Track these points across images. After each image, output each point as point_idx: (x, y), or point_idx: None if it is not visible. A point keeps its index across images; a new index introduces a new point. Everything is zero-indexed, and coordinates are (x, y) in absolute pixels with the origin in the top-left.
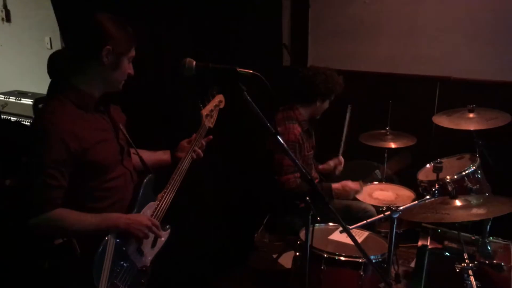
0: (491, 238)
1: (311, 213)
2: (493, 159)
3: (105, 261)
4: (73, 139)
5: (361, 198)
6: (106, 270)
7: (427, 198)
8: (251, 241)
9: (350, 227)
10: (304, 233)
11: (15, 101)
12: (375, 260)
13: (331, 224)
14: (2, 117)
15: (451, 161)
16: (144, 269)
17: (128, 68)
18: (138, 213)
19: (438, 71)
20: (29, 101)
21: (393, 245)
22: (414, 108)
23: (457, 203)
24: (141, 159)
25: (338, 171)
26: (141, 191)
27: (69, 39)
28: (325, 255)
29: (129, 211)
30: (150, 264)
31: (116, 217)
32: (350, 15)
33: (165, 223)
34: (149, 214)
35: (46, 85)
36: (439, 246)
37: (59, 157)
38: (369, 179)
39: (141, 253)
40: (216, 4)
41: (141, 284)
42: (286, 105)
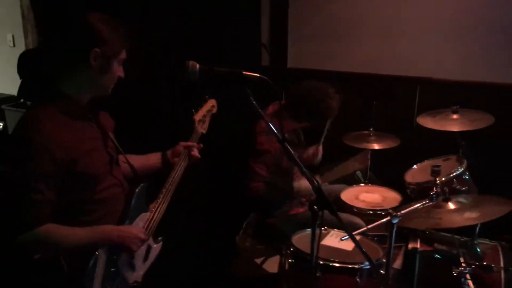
0: (479, 239)
1: (318, 222)
2: (475, 160)
3: (96, 278)
4: (60, 149)
5: (347, 200)
6: (97, 286)
7: (426, 202)
8: (232, 245)
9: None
10: (296, 239)
11: None
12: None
13: (323, 229)
14: None
15: (437, 163)
16: (135, 284)
17: (118, 71)
18: (130, 224)
19: (418, 72)
20: None
21: (392, 251)
22: (396, 109)
23: (450, 206)
24: (132, 167)
25: (317, 160)
26: (133, 202)
27: (55, 39)
28: (320, 262)
29: (121, 222)
30: (142, 279)
31: (108, 230)
32: (330, 15)
33: (157, 235)
34: (141, 225)
35: (10, 84)
36: (429, 248)
37: (45, 169)
38: (352, 181)
39: (133, 267)
40: (192, 3)
41: None
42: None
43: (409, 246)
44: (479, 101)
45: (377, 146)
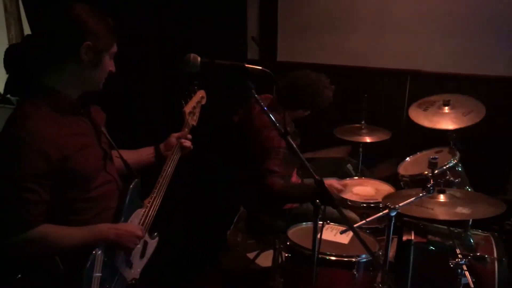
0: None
1: (320, 216)
2: (465, 152)
3: (93, 277)
4: (53, 147)
5: (342, 194)
6: (95, 286)
7: (423, 194)
8: (223, 240)
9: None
10: (292, 233)
11: None
12: (367, 259)
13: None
14: None
15: (430, 155)
16: (133, 282)
17: (109, 65)
18: (125, 222)
19: (408, 65)
20: None
21: (390, 243)
22: (387, 102)
23: (442, 198)
24: (126, 163)
25: None
26: (127, 198)
27: (42, 33)
28: (317, 255)
29: (115, 220)
30: (139, 276)
31: (105, 229)
32: (320, 8)
33: (153, 231)
34: (137, 222)
35: None
36: (423, 240)
37: (38, 169)
38: (343, 174)
39: (130, 265)
40: None
41: None
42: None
43: (404, 238)
44: (469, 93)
45: (368, 139)
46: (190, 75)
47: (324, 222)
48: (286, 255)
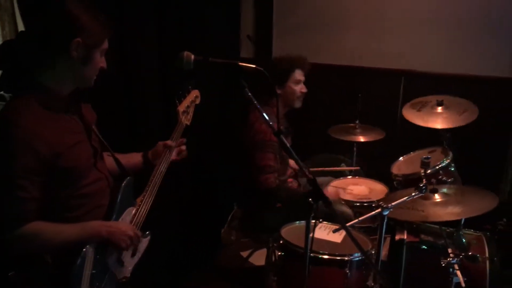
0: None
1: (312, 215)
2: (458, 152)
3: (84, 274)
4: (43, 144)
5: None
6: (85, 284)
7: (416, 194)
8: (217, 238)
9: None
10: (285, 231)
11: None
12: (359, 258)
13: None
14: None
15: (423, 155)
16: (124, 280)
17: (100, 61)
18: (117, 220)
19: (403, 65)
20: None
21: (382, 242)
22: (381, 101)
23: (435, 198)
24: (117, 160)
25: None
26: (119, 196)
27: (34, 29)
28: (310, 254)
29: (107, 217)
30: (130, 274)
31: (97, 226)
32: (315, 7)
33: (145, 229)
34: (128, 220)
35: None
36: (415, 239)
37: (29, 166)
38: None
39: (121, 263)
40: None
41: None
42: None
43: (396, 237)
44: (463, 94)
45: (362, 138)
46: (187, 74)
47: (316, 220)
48: (279, 253)
